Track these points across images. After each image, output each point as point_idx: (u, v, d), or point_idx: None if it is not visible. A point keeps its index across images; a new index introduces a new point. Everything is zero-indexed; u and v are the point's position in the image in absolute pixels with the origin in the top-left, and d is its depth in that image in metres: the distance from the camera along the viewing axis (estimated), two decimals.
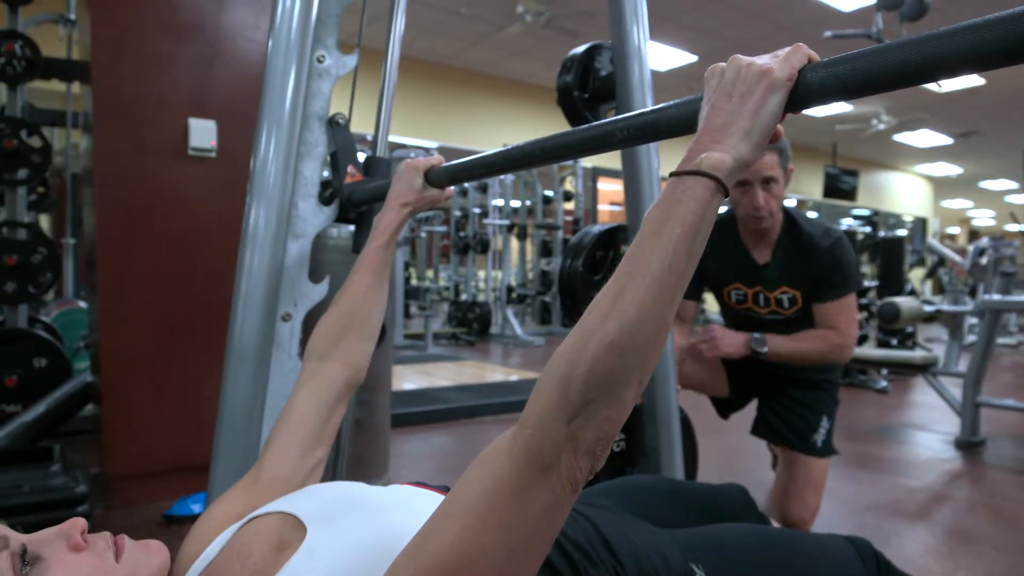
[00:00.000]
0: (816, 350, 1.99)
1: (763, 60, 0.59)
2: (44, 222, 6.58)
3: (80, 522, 0.66)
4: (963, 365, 3.98)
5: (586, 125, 0.81)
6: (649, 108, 0.73)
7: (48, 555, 0.62)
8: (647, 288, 0.56)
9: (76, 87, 3.63)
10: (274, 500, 0.83)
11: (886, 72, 0.54)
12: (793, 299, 2.01)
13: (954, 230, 22.54)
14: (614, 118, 0.77)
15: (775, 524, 1.31)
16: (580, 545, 0.84)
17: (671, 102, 0.71)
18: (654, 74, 1.63)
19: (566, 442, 0.55)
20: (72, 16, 3.88)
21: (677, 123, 0.69)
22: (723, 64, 0.62)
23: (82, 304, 4.40)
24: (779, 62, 0.59)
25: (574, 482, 0.57)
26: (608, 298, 0.57)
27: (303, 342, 1.53)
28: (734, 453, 3.24)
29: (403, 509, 0.78)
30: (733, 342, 1.99)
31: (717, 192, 0.58)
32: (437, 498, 0.84)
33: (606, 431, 0.56)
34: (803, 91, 0.59)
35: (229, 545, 0.75)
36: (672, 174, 0.60)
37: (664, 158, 1.56)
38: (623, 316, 0.55)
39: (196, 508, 2.40)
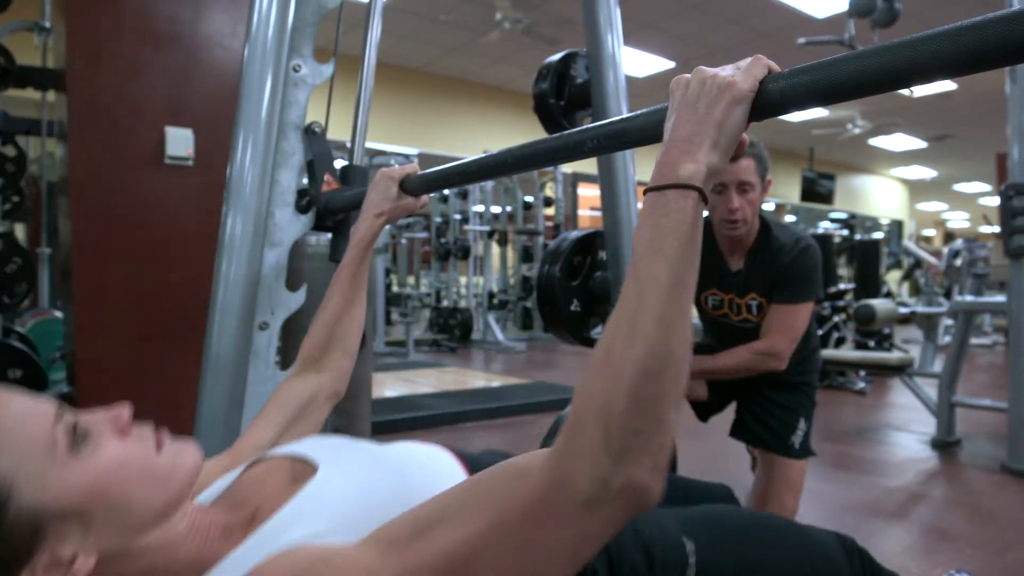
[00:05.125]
0: (739, 362, 1.97)
1: (726, 72, 0.61)
2: (19, 231, 6.48)
3: (127, 410, 0.68)
4: (939, 366, 4.03)
5: (558, 134, 0.82)
6: (619, 117, 0.75)
7: (97, 435, 0.64)
8: (663, 305, 0.54)
9: (51, 95, 3.59)
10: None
11: (845, 82, 0.56)
12: (760, 305, 2.02)
13: (929, 232, 22.84)
14: (585, 127, 0.79)
15: None
16: None
17: (640, 111, 0.73)
18: (632, 80, 1.65)
19: (613, 478, 0.52)
20: (47, 24, 3.83)
21: (646, 131, 0.71)
22: (688, 76, 0.63)
23: (58, 314, 4.34)
24: (741, 74, 0.60)
25: (616, 523, 0.54)
26: (626, 323, 0.55)
27: (281, 350, 1.53)
28: (713, 456, 3.26)
29: (411, 460, 0.84)
30: None
31: (700, 201, 0.58)
32: (441, 455, 0.88)
33: (659, 461, 0.54)
34: (765, 102, 0.60)
35: (242, 476, 0.81)
36: (650, 189, 0.60)
37: (639, 164, 1.58)
38: (648, 338, 0.53)
39: None
